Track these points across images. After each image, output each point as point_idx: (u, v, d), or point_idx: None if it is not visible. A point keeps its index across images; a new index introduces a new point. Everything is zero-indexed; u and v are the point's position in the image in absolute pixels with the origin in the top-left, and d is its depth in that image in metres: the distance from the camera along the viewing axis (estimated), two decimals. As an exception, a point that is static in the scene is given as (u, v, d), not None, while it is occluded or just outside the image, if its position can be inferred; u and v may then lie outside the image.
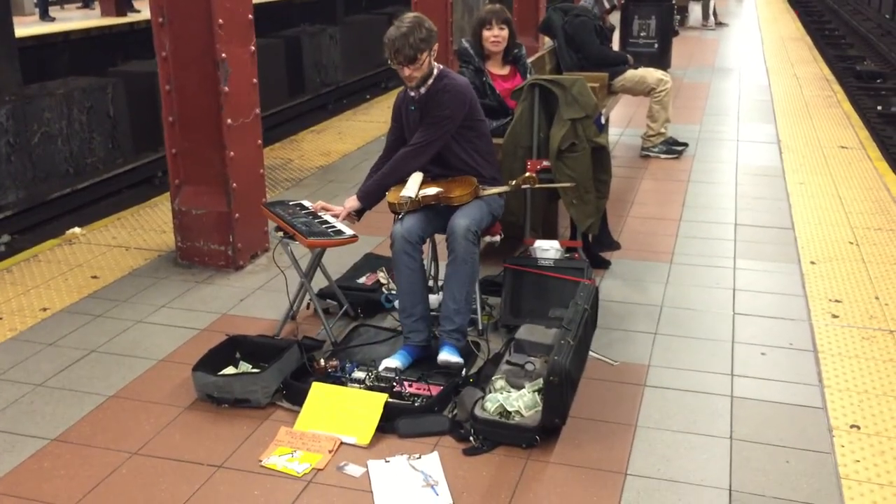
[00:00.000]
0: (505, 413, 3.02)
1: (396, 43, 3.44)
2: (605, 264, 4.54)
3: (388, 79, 14.00)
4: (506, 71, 4.73)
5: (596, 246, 4.60)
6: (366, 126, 8.00)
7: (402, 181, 3.58)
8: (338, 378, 3.30)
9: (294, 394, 3.22)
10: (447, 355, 3.40)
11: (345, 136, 7.63)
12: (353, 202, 3.69)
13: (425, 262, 4.00)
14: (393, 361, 3.40)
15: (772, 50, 12.37)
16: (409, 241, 3.44)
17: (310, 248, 3.67)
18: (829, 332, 3.80)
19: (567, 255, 4.17)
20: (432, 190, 3.52)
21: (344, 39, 13.94)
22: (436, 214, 3.61)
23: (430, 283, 3.98)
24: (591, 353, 3.56)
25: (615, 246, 4.76)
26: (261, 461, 2.89)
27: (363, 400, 3.14)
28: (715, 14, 15.18)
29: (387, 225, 3.58)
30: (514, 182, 3.59)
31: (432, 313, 3.83)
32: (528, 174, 3.72)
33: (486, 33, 4.61)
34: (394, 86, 12.82)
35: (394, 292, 3.93)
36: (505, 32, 4.60)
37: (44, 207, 7.68)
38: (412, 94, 3.61)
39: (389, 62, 3.51)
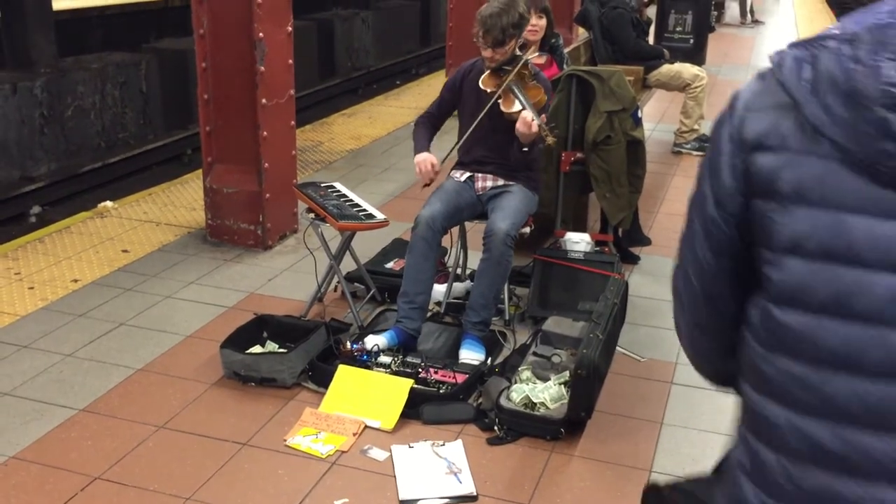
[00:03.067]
0: (530, 404, 3.01)
1: (487, 23, 3.38)
2: (634, 259, 4.50)
3: (418, 65, 13.96)
4: (542, 60, 4.69)
5: (626, 241, 4.56)
6: (396, 111, 7.98)
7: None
8: (364, 362, 3.30)
9: (320, 375, 3.23)
10: (469, 353, 3.39)
11: (375, 120, 7.62)
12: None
13: (453, 250, 3.99)
14: (379, 339, 3.38)
15: (808, 50, 12.17)
16: (432, 229, 3.43)
17: (340, 230, 3.67)
18: (861, 338, 3.75)
19: (597, 248, 4.14)
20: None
21: (376, 24, 13.90)
22: (464, 206, 3.59)
23: (458, 271, 3.98)
24: (618, 348, 3.54)
25: (646, 241, 4.72)
26: (285, 441, 2.91)
27: (389, 385, 3.14)
28: (752, 11, 14.99)
29: (415, 212, 3.57)
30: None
31: (458, 300, 3.84)
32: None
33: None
34: (424, 73, 12.77)
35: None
36: (543, 21, 4.56)
37: (75, 180, 7.74)
38: None
39: (475, 39, 3.47)
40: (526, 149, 3.44)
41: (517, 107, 3.39)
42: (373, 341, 3.36)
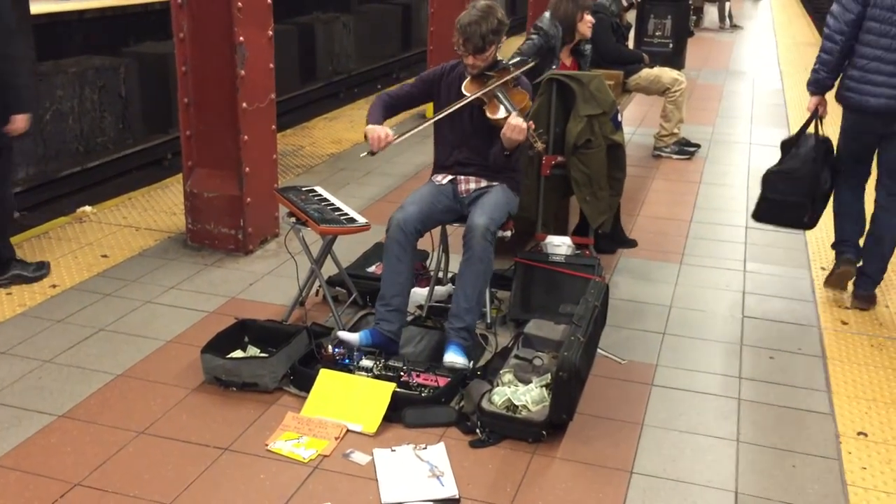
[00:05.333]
0: (512, 407, 3.02)
1: (467, 31, 3.41)
2: (612, 249, 4.60)
3: (399, 69, 13.97)
4: (569, 62, 4.78)
5: (610, 244, 4.61)
6: (378, 115, 7.97)
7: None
8: (346, 365, 3.30)
9: (302, 379, 3.23)
10: (453, 356, 3.38)
11: (356, 124, 7.61)
12: None
13: (435, 254, 4.00)
14: (352, 336, 3.36)
15: (786, 54, 12.31)
16: (404, 231, 3.41)
17: (322, 234, 3.67)
18: (839, 339, 3.79)
19: (578, 251, 4.16)
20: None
21: (357, 28, 13.89)
22: (442, 209, 3.59)
23: (440, 274, 3.99)
24: (599, 350, 3.56)
25: (631, 243, 4.77)
26: (267, 445, 2.90)
27: (371, 388, 3.14)
28: (730, 16, 15.12)
29: (398, 215, 3.57)
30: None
31: (440, 304, 3.85)
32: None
33: (587, 17, 4.76)
34: (405, 76, 12.78)
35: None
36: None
37: (53, 185, 7.67)
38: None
39: (455, 47, 3.49)
40: (508, 153, 3.46)
41: (502, 113, 3.41)
42: (345, 336, 3.35)
